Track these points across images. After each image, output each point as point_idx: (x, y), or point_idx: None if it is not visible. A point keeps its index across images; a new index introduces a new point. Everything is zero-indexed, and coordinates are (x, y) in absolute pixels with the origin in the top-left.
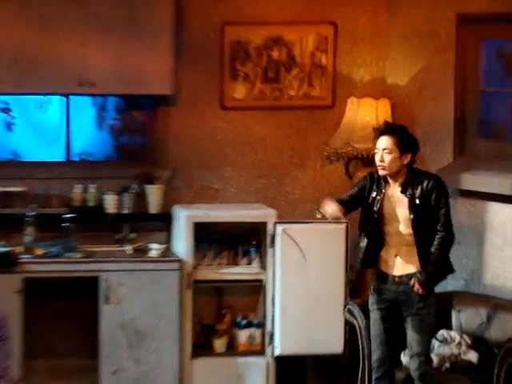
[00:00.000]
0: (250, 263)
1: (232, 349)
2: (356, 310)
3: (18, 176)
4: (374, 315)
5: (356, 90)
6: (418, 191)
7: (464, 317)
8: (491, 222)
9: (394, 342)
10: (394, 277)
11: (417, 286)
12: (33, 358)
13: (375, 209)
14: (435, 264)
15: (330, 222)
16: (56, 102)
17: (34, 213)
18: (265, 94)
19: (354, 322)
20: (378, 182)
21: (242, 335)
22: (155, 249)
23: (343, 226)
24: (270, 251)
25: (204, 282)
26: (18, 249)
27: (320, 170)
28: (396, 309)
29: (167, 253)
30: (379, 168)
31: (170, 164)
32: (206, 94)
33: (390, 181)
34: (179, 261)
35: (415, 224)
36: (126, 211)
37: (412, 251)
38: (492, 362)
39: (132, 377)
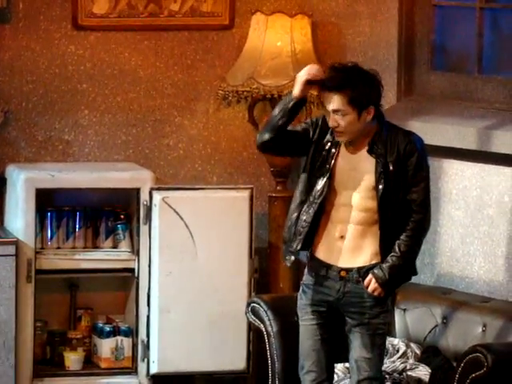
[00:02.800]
0: (116, 246)
1: (91, 365)
2: (263, 310)
3: None
4: (307, 322)
5: (263, 4)
6: (394, 154)
7: (411, 318)
8: (449, 187)
9: (332, 357)
10: (339, 270)
11: (373, 285)
12: None
13: (328, 166)
14: (405, 256)
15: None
16: None
17: None
18: (136, 9)
19: (261, 326)
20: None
21: (105, 346)
22: None
23: (246, 193)
24: (144, 229)
25: (51, 273)
26: None
27: (214, 115)
28: (336, 313)
29: None
30: (336, 135)
31: (2, 106)
32: (52, 6)
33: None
34: (15, 243)
35: (383, 197)
36: None
37: (365, 233)
38: (449, 379)
39: None
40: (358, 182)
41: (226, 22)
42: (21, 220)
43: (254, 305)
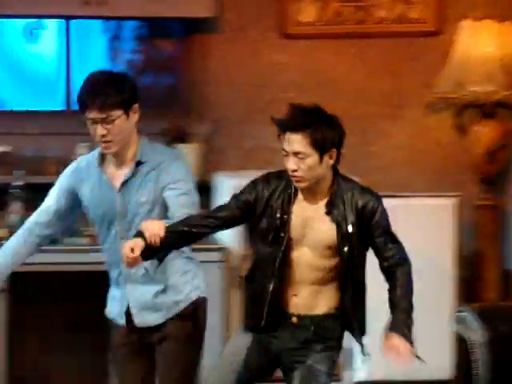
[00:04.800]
0: None
1: None
2: (471, 320)
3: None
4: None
5: (472, 10)
6: (353, 215)
7: None
8: None
9: None
10: (292, 316)
11: (402, 345)
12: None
13: (282, 234)
14: (409, 312)
15: None
16: (53, 28)
17: (21, 182)
18: (343, 17)
19: (471, 336)
20: (283, 191)
21: None
22: None
23: (451, 201)
24: None
25: None
26: (0, 232)
27: (420, 122)
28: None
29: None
30: (294, 180)
31: (210, 115)
32: (260, 16)
33: (300, 189)
34: (223, 250)
35: (349, 258)
36: None
37: (319, 292)
38: None
39: None
40: (313, 241)
41: (433, 28)
42: None
43: (461, 314)
